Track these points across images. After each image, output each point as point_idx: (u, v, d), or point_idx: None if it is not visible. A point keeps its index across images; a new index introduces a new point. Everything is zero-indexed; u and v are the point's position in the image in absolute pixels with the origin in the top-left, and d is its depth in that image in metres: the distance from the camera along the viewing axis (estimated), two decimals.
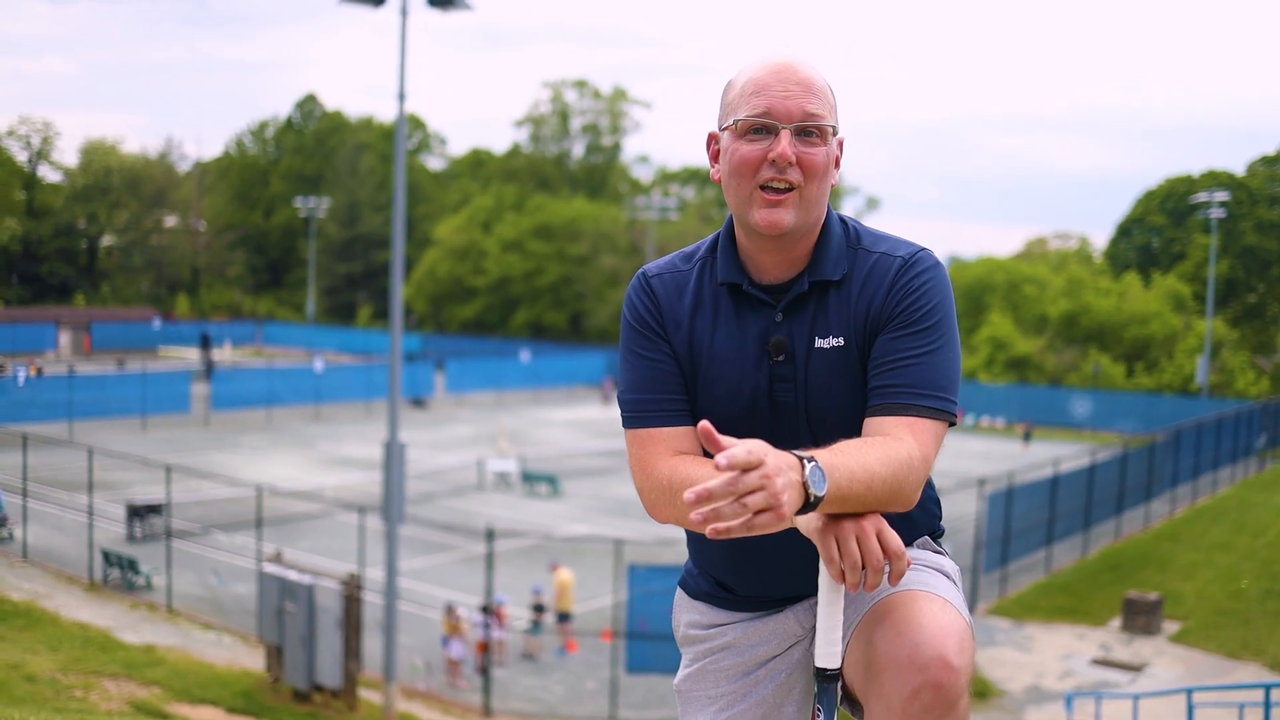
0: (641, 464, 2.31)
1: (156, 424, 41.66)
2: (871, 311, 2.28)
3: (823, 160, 2.25)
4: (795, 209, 2.24)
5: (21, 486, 24.99)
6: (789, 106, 2.22)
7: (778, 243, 2.29)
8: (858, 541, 1.99)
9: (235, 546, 24.63)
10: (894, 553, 2.00)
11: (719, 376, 2.33)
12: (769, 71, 2.26)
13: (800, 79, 2.24)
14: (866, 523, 2.01)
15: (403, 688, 18.01)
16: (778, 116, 2.22)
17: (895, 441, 2.14)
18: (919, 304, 2.26)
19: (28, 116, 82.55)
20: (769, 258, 2.33)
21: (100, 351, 63.85)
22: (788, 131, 2.22)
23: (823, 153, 2.25)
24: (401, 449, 18.25)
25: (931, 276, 2.28)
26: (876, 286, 2.29)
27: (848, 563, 1.99)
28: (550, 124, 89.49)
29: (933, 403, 2.21)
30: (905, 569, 2.02)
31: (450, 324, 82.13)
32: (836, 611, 2.09)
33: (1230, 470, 39.97)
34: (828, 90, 2.29)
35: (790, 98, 2.22)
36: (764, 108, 2.23)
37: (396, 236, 19.13)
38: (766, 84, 2.24)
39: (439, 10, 20.18)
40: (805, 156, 2.23)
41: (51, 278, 77.71)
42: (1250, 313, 66.28)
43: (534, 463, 36.77)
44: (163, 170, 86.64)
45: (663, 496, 2.24)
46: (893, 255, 2.32)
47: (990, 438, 50.71)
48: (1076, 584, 25.88)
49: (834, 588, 2.07)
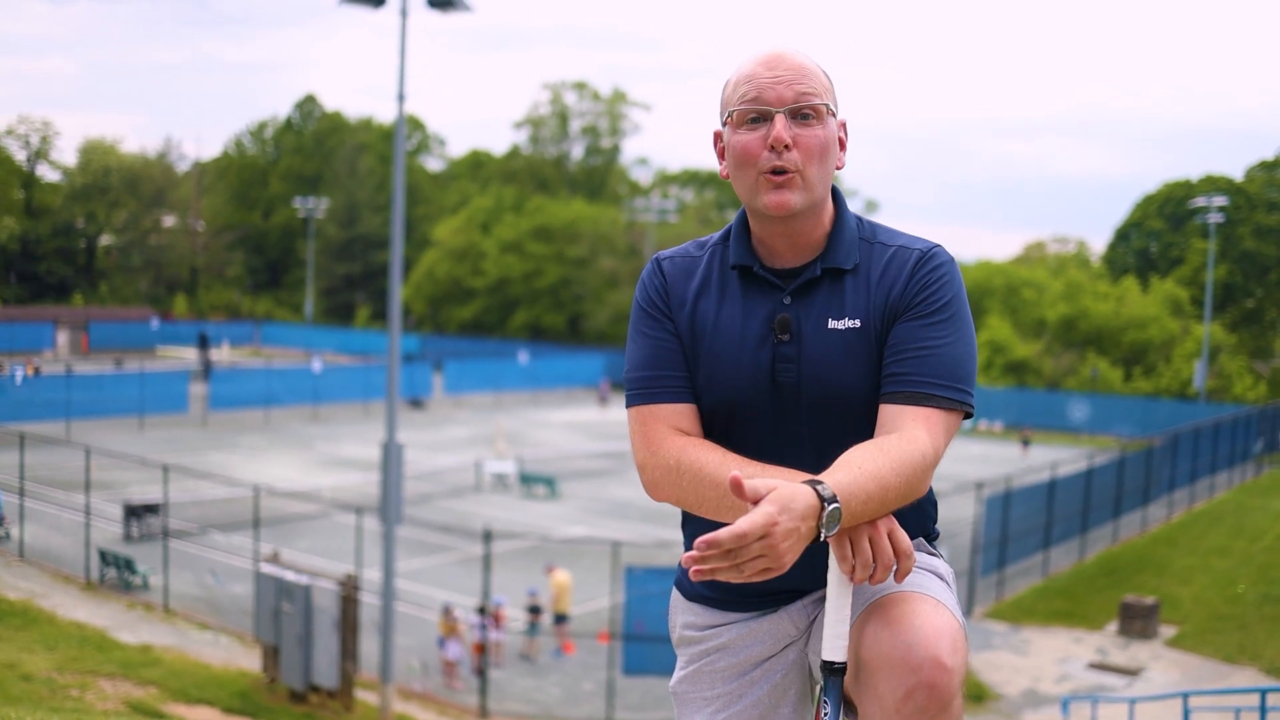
0: (646, 440, 2.34)
1: (154, 424, 41.65)
2: (891, 298, 2.31)
3: (820, 140, 2.28)
4: (800, 190, 2.27)
5: (19, 485, 24.97)
6: (780, 91, 2.26)
7: (788, 225, 2.33)
8: (870, 541, 2.04)
9: (232, 546, 24.63)
10: (903, 552, 2.06)
11: (721, 353, 2.36)
12: (758, 63, 2.30)
13: (790, 64, 2.28)
14: (880, 522, 2.06)
15: (399, 688, 18.01)
16: (769, 102, 2.26)
17: (908, 443, 2.16)
18: (938, 295, 2.29)
19: (27, 116, 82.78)
20: (782, 242, 2.36)
21: (98, 351, 63.87)
22: (782, 115, 2.25)
23: (820, 133, 2.28)
24: (399, 450, 18.26)
25: (949, 271, 2.32)
26: (896, 275, 2.33)
27: (860, 561, 2.04)
28: (550, 126, 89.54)
29: (950, 394, 2.24)
30: (911, 567, 2.08)
31: (449, 325, 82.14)
32: (845, 605, 2.11)
33: (1227, 475, 39.99)
34: (821, 73, 2.32)
35: (780, 82, 2.26)
36: (755, 95, 2.27)
37: (395, 237, 19.14)
38: (756, 74, 2.29)
39: (439, 11, 20.20)
40: (802, 138, 2.26)
41: (50, 277, 77.69)
42: (1248, 318, 66.36)
43: (532, 464, 36.77)
44: (161, 170, 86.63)
45: (666, 476, 2.29)
46: (910, 248, 2.36)
47: (988, 441, 50.73)
48: (1073, 588, 25.89)
49: (843, 582, 2.10)
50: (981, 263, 72.22)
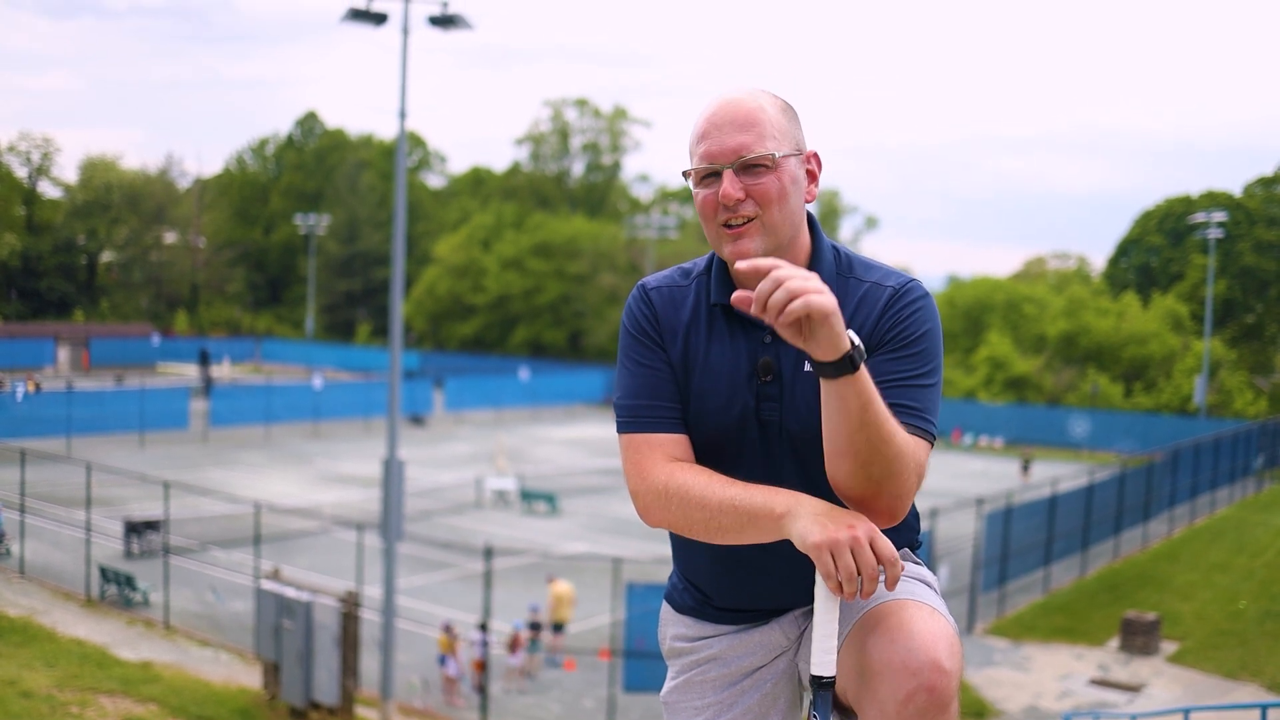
0: (637, 468, 2.37)
1: (155, 440, 41.64)
2: (862, 336, 2.33)
3: (774, 188, 2.30)
4: (760, 236, 2.31)
5: (19, 502, 24.97)
6: (725, 146, 2.30)
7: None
8: (853, 553, 2.05)
9: (233, 563, 24.60)
10: (888, 559, 2.06)
11: (710, 390, 2.39)
12: (706, 118, 2.34)
13: (737, 116, 2.31)
14: (860, 533, 2.06)
15: (400, 705, 17.99)
16: (716, 159, 2.31)
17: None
18: (909, 331, 2.32)
19: (28, 132, 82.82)
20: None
21: (99, 367, 63.87)
22: (730, 171, 2.29)
23: (772, 180, 2.30)
24: (400, 466, 18.27)
25: (922, 306, 2.35)
26: (868, 313, 2.36)
27: (844, 574, 2.05)
28: (550, 142, 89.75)
29: (915, 421, 2.26)
30: (900, 574, 2.09)
31: (449, 342, 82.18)
32: (832, 620, 2.14)
33: (1228, 490, 39.95)
34: (770, 118, 2.33)
35: (726, 138, 2.30)
36: (703, 152, 2.32)
37: (396, 254, 19.18)
38: (704, 131, 2.33)
39: (440, 29, 20.31)
40: (754, 188, 2.30)
41: (50, 293, 77.77)
42: (1248, 333, 66.34)
43: (532, 481, 36.75)
44: (163, 187, 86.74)
45: (657, 500, 2.31)
46: (884, 285, 2.38)
47: (988, 457, 50.70)
48: (1075, 604, 25.85)
49: (830, 597, 2.13)
50: (982, 279, 72.29)
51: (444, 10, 20.22)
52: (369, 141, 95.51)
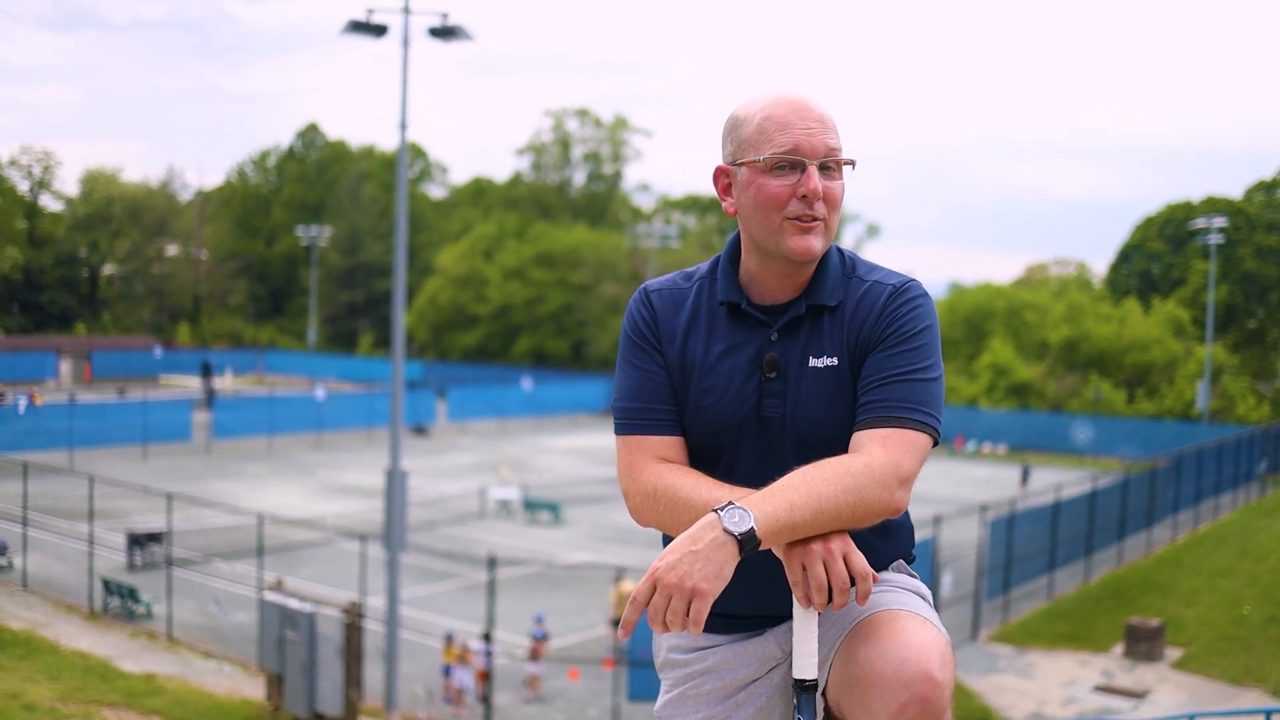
0: (629, 469, 2.42)
1: (157, 452, 41.64)
2: (863, 334, 2.39)
3: (841, 193, 2.38)
4: (822, 237, 2.37)
5: (22, 515, 24.97)
6: (814, 143, 2.33)
7: (799, 267, 2.41)
8: (824, 565, 2.09)
9: (236, 575, 24.59)
10: (859, 574, 2.10)
11: (709, 389, 2.43)
12: (789, 109, 2.36)
13: (819, 116, 2.37)
14: (834, 545, 2.10)
15: (404, 716, 17.97)
16: (805, 153, 2.33)
17: (850, 457, 2.24)
18: (906, 327, 2.36)
19: (29, 146, 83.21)
20: (777, 281, 2.44)
21: (101, 380, 63.86)
22: (815, 168, 2.33)
23: (841, 186, 2.39)
24: (403, 477, 18.28)
25: (920, 304, 2.40)
26: (868, 311, 2.40)
27: (813, 585, 2.10)
28: (552, 152, 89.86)
29: (911, 414, 2.28)
30: (870, 589, 2.12)
31: (452, 352, 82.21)
32: (811, 625, 2.17)
33: (1232, 496, 39.92)
34: (837, 125, 2.41)
35: (814, 135, 2.34)
36: (791, 144, 2.33)
37: (398, 264, 19.21)
38: (789, 121, 2.35)
39: (440, 40, 20.34)
40: (829, 190, 2.35)
41: (52, 306, 77.81)
42: (1250, 338, 66.29)
43: (536, 490, 36.73)
44: (164, 199, 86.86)
45: (645, 501, 2.37)
46: (884, 283, 2.43)
47: (992, 464, 50.66)
48: (1079, 610, 25.81)
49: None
50: (983, 285, 72.26)
51: (444, 22, 20.27)
52: (370, 153, 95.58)
